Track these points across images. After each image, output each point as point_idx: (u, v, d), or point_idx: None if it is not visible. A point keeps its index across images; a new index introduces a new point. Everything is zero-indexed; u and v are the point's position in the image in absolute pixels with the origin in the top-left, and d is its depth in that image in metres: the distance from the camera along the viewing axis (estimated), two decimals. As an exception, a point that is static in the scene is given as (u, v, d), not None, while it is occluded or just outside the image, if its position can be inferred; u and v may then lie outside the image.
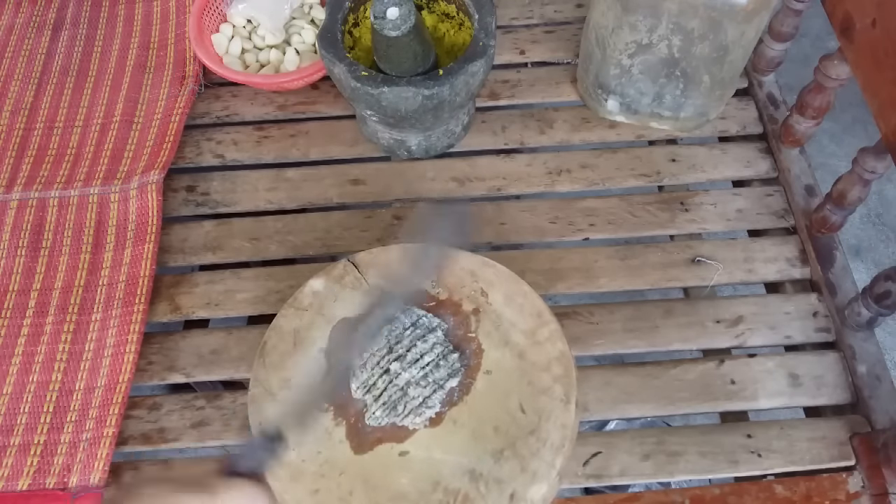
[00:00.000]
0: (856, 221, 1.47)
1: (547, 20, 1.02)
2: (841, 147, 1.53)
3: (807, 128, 0.86)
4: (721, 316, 0.79)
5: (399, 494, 0.56)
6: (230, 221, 0.87)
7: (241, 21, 0.96)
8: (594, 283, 0.81)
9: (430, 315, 0.63)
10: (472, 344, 0.62)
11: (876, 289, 0.71)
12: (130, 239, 0.83)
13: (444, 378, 0.60)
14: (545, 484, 0.56)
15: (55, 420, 0.73)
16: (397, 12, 0.74)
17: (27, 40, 1.01)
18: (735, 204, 0.87)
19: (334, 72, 0.78)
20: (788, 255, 0.83)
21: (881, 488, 0.69)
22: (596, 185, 0.88)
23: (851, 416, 0.73)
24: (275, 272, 0.83)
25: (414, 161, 0.91)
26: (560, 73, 0.97)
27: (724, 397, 0.74)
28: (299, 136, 0.93)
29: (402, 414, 0.59)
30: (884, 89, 0.67)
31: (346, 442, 0.59)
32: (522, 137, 0.92)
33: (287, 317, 0.64)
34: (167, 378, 0.77)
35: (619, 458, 0.72)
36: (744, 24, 0.75)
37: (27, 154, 0.90)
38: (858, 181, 0.75)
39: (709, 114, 0.89)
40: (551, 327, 0.63)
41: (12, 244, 0.83)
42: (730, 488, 0.71)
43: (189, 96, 0.94)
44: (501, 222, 0.86)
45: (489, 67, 0.80)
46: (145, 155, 0.89)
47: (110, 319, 0.78)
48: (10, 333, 0.78)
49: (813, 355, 0.77)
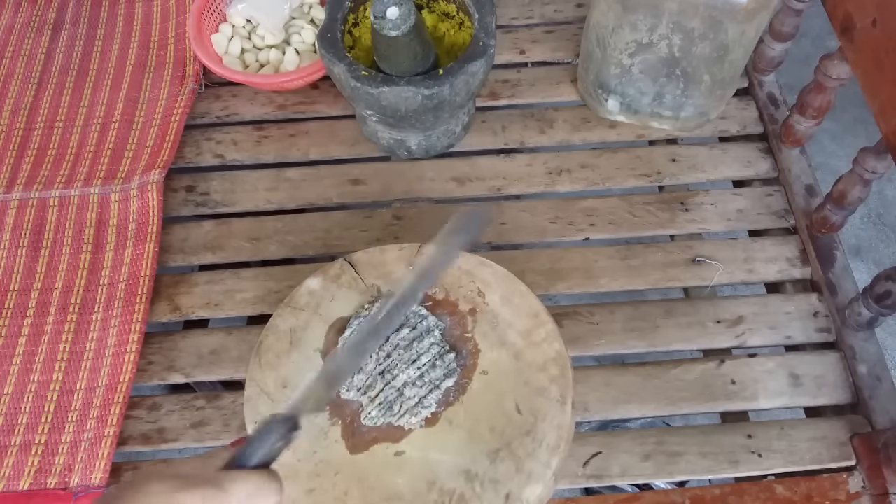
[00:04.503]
0: (856, 221, 1.46)
1: (547, 20, 1.02)
2: (841, 147, 1.52)
3: (807, 128, 0.85)
4: (721, 316, 0.79)
5: (394, 494, 0.56)
6: (230, 221, 0.87)
7: (241, 21, 0.96)
8: (594, 283, 0.81)
9: (428, 315, 0.63)
10: (469, 344, 0.62)
11: (876, 289, 0.71)
12: (131, 239, 0.83)
13: (440, 378, 0.60)
14: (540, 484, 0.56)
15: (56, 420, 0.73)
16: (397, 12, 0.74)
17: (27, 40, 1.01)
18: (735, 204, 0.86)
19: (334, 72, 0.78)
20: (789, 255, 0.83)
21: (882, 488, 0.68)
22: (596, 184, 0.88)
23: (852, 416, 0.73)
24: (274, 272, 0.83)
25: (414, 161, 0.91)
26: (560, 73, 0.97)
27: (725, 397, 0.74)
28: (299, 136, 0.93)
29: (397, 414, 0.59)
30: (884, 89, 0.67)
31: (342, 441, 0.59)
32: (522, 137, 0.92)
33: (283, 316, 0.64)
34: (167, 378, 0.77)
35: (619, 458, 0.72)
36: (744, 24, 0.75)
37: (27, 154, 0.91)
38: (859, 181, 0.75)
39: (709, 113, 0.89)
40: (548, 328, 0.62)
41: (13, 244, 0.83)
42: (730, 488, 0.71)
43: (189, 96, 0.94)
44: (501, 222, 0.85)
45: (489, 67, 0.80)
46: (146, 154, 0.89)
47: (111, 319, 0.78)
48: (11, 333, 0.78)
49: (813, 355, 0.77)
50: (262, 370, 0.62)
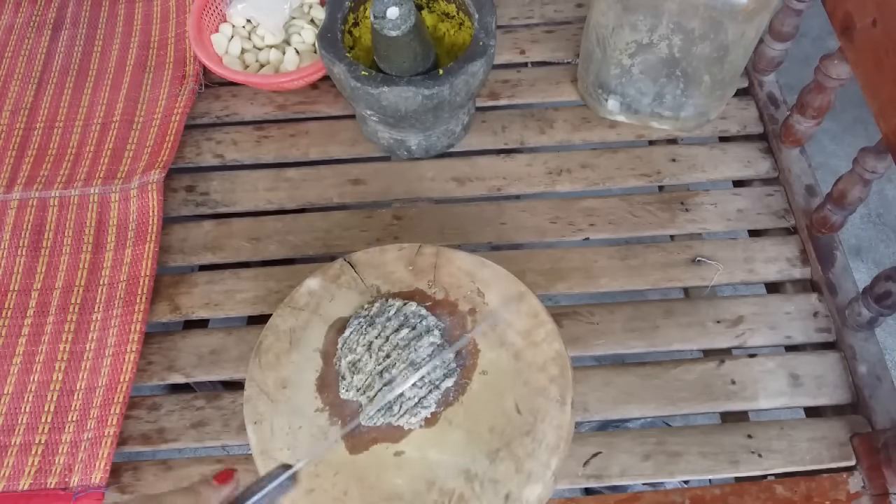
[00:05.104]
0: (856, 221, 1.46)
1: (547, 20, 1.02)
2: (841, 147, 1.52)
3: (807, 128, 0.85)
4: (721, 316, 0.79)
5: (394, 494, 0.56)
6: (230, 221, 0.87)
7: (241, 21, 0.96)
8: (594, 283, 0.81)
9: (427, 315, 0.63)
10: (468, 344, 0.62)
11: (876, 289, 0.71)
12: (131, 238, 0.83)
13: (439, 378, 0.60)
14: (540, 484, 0.56)
15: (56, 420, 0.73)
16: (397, 12, 0.74)
17: (27, 40, 1.01)
18: (735, 204, 0.86)
19: (334, 71, 0.78)
20: (789, 255, 0.83)
21: (882, 488, 0.68)
22: (596, 184, 0.88)
23: (852, 417, 0.73)
24: (274, 272, 0.83)
25: (414, 161, 0.91)
26: (560, 73, 0.97)
27: (725, 397, 0.74)
28: (299, 136, 0.93)
29: (397, 414, 0.59)
30: (884, 89, 0.67)
31: (342, 442, 0.59)
32: (522, 137, 0.92)
33: (283, 316, 0.64)
34: (167, 378, 0.77)
35: (619, 458, 0.72)
36: (744, 24, 0.75)
37: (27, 154, 0.91)
38: (859, 181, 0.75)
39: (709, 114, 0.89)
40: (548, 328, 0.62)
41: (13, 244, 0.83)
42: (730, 488, 0.71)
43: (189, 96, 0.94)
44: (501, 222, 0.85)
45: (489, 67, 0.80)
46: (146, 154, 0.89)
47: (111, 319, 0.78)
48: (11, 333, 0.78)
49: (813, 355, 0.77)
50: (261, 370, 0.62)
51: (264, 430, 0.59)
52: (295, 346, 0.63)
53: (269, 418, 0.60)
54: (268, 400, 0.61)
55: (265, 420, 0.60)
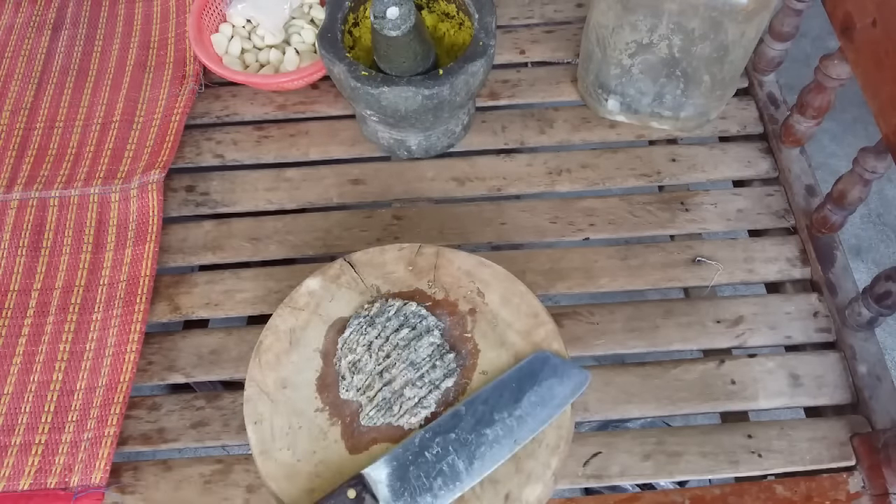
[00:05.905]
0: (856, 221, 1.46)
1: (547, 20, 1.02)
2: (841, 147, 1.52)
3: (807, 127, 0.85)
4: (721, 316, 0.79)
5: (395, 495, 0.56)
6: (230, 221, 0.87)
7: (241, 21, 0.96)
8: (594, 283, 0.81)
9: (427, 315, 0.63)
10: (469, 344, 0.62)
11: (876, 289, 0.71)
12: (131, 238, 0.83)
13: (439, 378, 0.60)
14: (540, 484, 0.56)
15: (56, 420, 0.73)
16: (397, 12, 0.74)
17: (27, 40, 1.01)
18: (735, 204, 0.86)
19: (334, 72, 0.78)
20: (789, 255, 0.83)
21: (882, 488, 0.68)
22: (596, 184, 0.88)
23: (852, 417, 0.73)
24: (274, 272, 0.83)
25: (414, 161, 0.91)
26: (560, 73, 0.97)
27: (725, 397, 0.74)
28: (299, 136, 0.93)
29: (397, 414, 0.59)
30: (884, 89, 0.67)
31: (342, 442, 0.59)
32: (522, 137, 0.92)
33: (283, 316, 0.64)
34: (167, 378, 0.77)
35: (619, 458, 0.72)
36: (744, 24, 0.75)
37: (27, 154, 0.91)
38: (859, 181, 0.75)
39: (709, 114, 0.89)
40: (548, 328, 0.62)
41: (13, 244, 0.83)
42: (730, 488, 0.71)
43: (189, 96, 0.94)
44: (501, 222, 0.85)
45: (489, 67, 0.80)
46: (146, 154, 0.89)
47: (111, 319, 0.78)
48: (11, 333, 0.78)
49: (813, 355, 0.77)
50: (261, 370, 0.62)
51: (264, 430, 0.59)
52: (295, 346, 0.63)
53: (269, 418, 0.60)
54: (268, 400, 0.61)
55: (265, 420, 0.60)
